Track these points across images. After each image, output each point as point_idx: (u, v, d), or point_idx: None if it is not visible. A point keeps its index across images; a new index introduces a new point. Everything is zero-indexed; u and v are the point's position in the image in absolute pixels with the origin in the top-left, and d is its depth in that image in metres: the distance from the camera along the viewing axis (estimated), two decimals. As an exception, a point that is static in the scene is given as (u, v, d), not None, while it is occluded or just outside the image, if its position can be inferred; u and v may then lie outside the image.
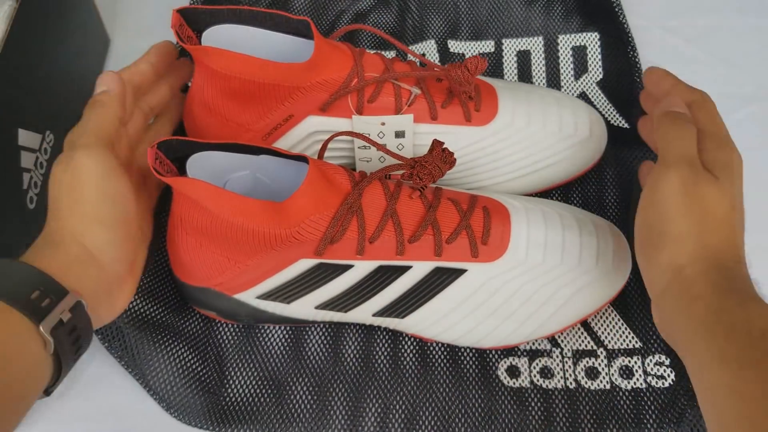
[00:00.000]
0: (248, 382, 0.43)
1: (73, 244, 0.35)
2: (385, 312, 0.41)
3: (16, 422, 0.32)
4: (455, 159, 0.39)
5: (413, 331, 0.42)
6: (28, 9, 0.44)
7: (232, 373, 0.43)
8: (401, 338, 0.44)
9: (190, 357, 0.43)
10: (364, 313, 0.41)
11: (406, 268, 0.39)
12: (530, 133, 0.45)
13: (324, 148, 0.42)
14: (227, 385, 0.43)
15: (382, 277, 0.39)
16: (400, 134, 0.44)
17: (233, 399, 0.42)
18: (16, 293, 0.32)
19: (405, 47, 0.45)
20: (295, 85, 0.42)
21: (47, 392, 0.34)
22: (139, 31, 0.60)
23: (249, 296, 0.41)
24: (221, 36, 0.43)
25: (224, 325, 0.45)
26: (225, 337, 0.44)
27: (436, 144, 0.39)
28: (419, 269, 0.39)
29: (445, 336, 0.42)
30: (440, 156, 0.39)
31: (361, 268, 0.39)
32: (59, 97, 0.50)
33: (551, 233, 0.41)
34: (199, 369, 0.43)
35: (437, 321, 0.41)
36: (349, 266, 0.39)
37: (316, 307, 0.41)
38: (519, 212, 0.42)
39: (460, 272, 0.40)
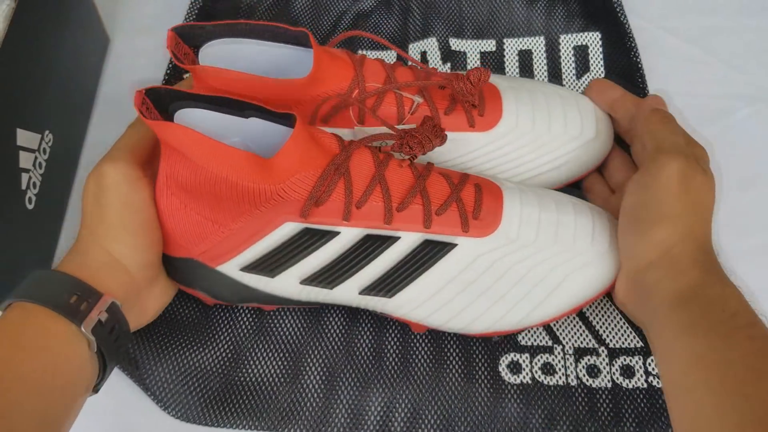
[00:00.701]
0: (260, 368, 0.43)
1: (100, 251, 0.37)
2: (372, 289, 0.39)
3: (72, 421, 0.34)
4: (446, 135, 0.38)
5: (400, 314, 0.41)
6: (26, 8, 0.44)
7: (234, 369, 0.43)
8: (410, 333, 0.44)
9: (188, 353, 0.43)
10: (350, 290, 0.40)
11: (395, 239, 0.38)
12: (535, 136, 0.45)
13: (320, 113, 0.41)
14: (227, 382, 0.42)
15: (370, 247, 0.38)
16: None
17: (231, 398, 0.42)
18: (57, 300, 0.34)
19: (405, 53, 0.45)
20: (297, 98, 0.41)
21: (95, 389, 0.37)
22: (138, 30, 0.60)
23: (232, 267, 0.39)
24: (219, 50, 0.42)
25: (231, 319, 0.44)
26: (241, 329, 0.44)
27: (427, 119, 0.38)
28: (408, 240, 0.38)
29: (433, 319, 0.40)
30: (431, 130, 0.38)
31: (348, 235, 0.38)
32: (58, 97, 0.50)
33: (545, 212, 0.40)
34: (198, 365, 0.43)
35: (425, 301, 0.40)
36: (336, 233, 0.38)
37: (302, 282, 0.39)
38: (512, 191, 0.41)
39: (450, 246, 0.39)
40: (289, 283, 0.40)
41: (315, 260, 0.39)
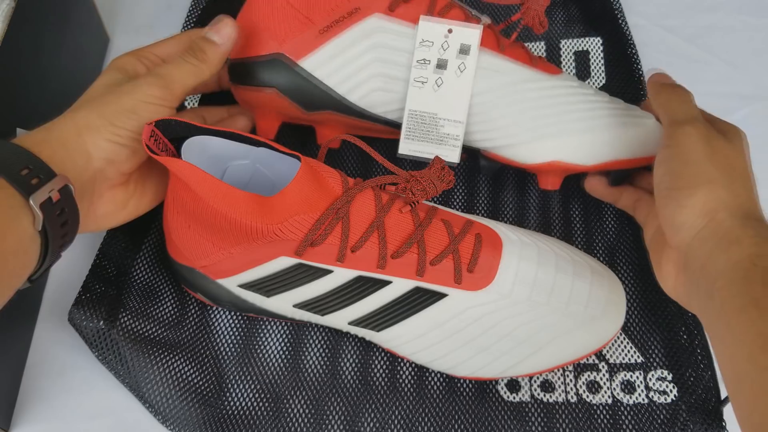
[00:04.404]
0: (246, 395, 0.42)
1: (70, 127, 0.35)
2: (360, 322, 0.40)
3: (4, 301, 0.32)
4: (453, 179, 0.38)
5: (387, 346, 0.42)
6: (26, 8, 0.44)
7: (230, 386, 0.43)
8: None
9: (186, 369, 0.42)
10: (340, 320, 0.41)
11: (386, 283, 0.39)
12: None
13: (323, 152, 0.41)
14: (225, 398, 0.42)
15: (361, 287, 0.39)
16: (464, 50, 0.42)
17: (231, 411, 0.42)
18: (6, 168, 0.31)
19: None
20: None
21: (31, 280, 0.34)
22: (138, 29, 0.60)
23: (231, 283, 0.41)
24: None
25: (222, 337, 0.44)
26: (223, 350, 0.44)
27: (436, 161, 0.38)
28: (399, 286, 0.39)
29: (418, 357, 0.41)
30: (438, 174, 0.38)
31: (340, 275, 0.39)
32: (58, 97, 0.50)
33: (542, 272, 0.40)
34: (195, 381, 0.42)
35: (411, 341, 0.40)
36: (328, 271, 0.38)
37: (294, 306, 0.40)
38: (513, 245, 0.40)
39: (441, 296, 0.39)
40: (283, 304, 0.41)
41: (307, 291, 0.39)
